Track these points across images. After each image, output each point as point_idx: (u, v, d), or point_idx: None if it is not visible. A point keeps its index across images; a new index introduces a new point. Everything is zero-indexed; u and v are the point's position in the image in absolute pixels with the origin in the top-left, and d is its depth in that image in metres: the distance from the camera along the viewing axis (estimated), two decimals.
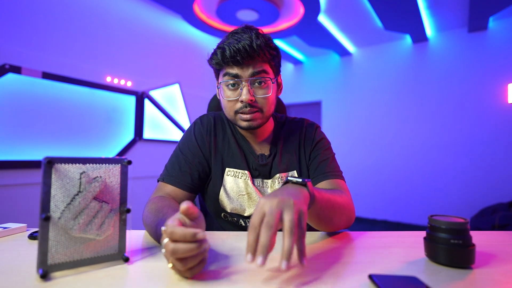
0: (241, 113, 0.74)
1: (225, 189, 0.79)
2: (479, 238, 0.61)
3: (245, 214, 0.79)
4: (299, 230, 0.41)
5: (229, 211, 0.80)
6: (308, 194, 0.49)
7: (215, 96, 1.07)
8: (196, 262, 0.41)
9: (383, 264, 0.49)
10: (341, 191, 0.70)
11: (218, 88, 0.81)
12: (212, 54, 0.75)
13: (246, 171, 0.79)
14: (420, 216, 3.70)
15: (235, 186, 0.79)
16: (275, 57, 0.76)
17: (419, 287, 0.38)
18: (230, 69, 0.72)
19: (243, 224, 0.80)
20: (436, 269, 0.46)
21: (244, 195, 0.78)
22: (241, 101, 0.72)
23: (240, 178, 0.79)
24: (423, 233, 0.54)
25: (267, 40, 0.73)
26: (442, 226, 0.48)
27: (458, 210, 3.43)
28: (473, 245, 0.47)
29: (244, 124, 0.75)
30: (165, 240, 0.40)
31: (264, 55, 0.71)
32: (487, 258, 0.51)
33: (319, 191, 0.56)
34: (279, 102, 1.09)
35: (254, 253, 0.38)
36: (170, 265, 0.41)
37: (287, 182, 0.53)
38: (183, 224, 0.43)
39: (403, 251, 0.55)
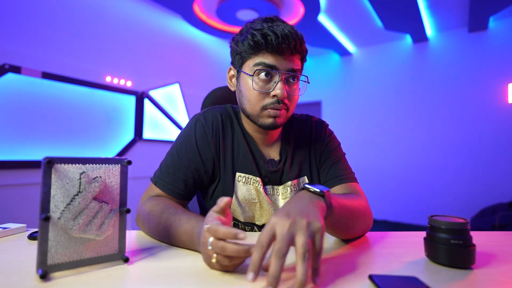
0: (271, 108, 0.67)
1: (236, 197, 0.73)
2: (479, 238, 0.61)
3: (257, 223, 0.75)
4: (314, 252, 0.39)
5: (242, 220, 0.74)
6: (324, 205, 0.47)
7: (209, 94, 1.01)
8: (241, 259, 0.43)
9: (383, 264, 0.49)
10: (358, 195, 0.67)
11: (237, 75, 0.72)
12: (246, 34, 0.65)
13: (258, 178, 0.73)
14: (420, 216, 3.70)
15: (247, 193, 0.72)
16: (306, 55, 0.71)
17: (419, 287, 0.38)
18: (267, 58, 0.64)
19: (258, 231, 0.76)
20: (436, 269, 0.46)
21: (256, 203, 0.73)
22: (274, 96, 0.65)
23: (252, 185, 0.73)
24: (423, 233, 0.54)
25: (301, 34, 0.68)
26: (442, 226, 0.48)
27: (458, 210, 3.43)
28: (473, 245, 0.47)
29: (268, 121, 0.68)
30: (211, 239, 0.42)
31: (301, 49, 0.67)
32: (487, 258, 0.51)
33: (337, 198, 0.53)
34: None
35: (257, 273, 0.37)
36: (214, 260, 0.43)
37: (303, 189, 0.49)
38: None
39: (403, 251, 0.55)
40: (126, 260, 0.48)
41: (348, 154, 0.84)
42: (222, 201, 0.46)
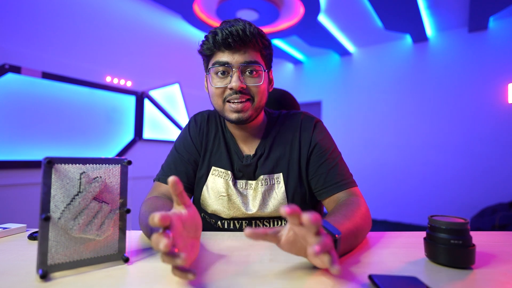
0: (231, 101, 0.70)
1: (207, 189, 0.77)
2: (479, 238, 0.61)
3: (224, 216, 0.76)
4: None
5: (209, 212, 0.77)
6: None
7: None
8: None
9: (383, 264, 0.49)
10: (356, 204, 0.63)
11: (206, 76, 0.76)
12: (203, 40, 0.72)
13: (229, 172, 0.77)
14: (420, 216, 3.70)
15: (216, 186, 0.76)
16: (267, 48, 0.73)
17: (419, 287, 0.38)
18: (220, 56, 0.69)
19: (221, 226, 0.77)
20: (436, 269, 0.46)
21: (224, 196, 0.75)
22: (231, 88, 0.69)
23: (223, 178, 0.76)
24: (423, 233, 0.54)
25: (260, 30, 0.72)
26: (442, 226, 0.48)
27: (458, 210, 3.43)
28: (473, 245, 0.47)
29: (233, 116, 0.70)
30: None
31: (257, 43, 0.69)
32: (487, 258, 0.51)
33: (344, 235, 0.50)
34: (291, 99, 1.05)
35: None
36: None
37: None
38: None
39: (403, 251, 0.55)
40: (126, 260, 0.48)
41: (348, 154, 0.84)
42: (170, 179, 0.42)
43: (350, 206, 0.62)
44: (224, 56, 0.69)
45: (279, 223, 0.76)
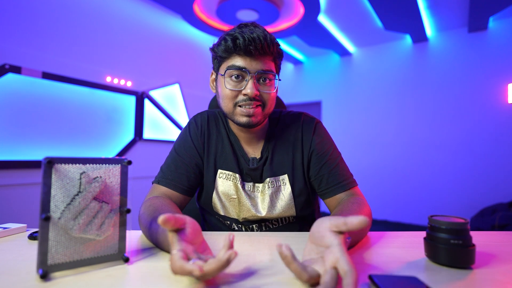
0: (242, 105, 0.71)
1: (217, 192, 0.77)
2: (479, 238, 0.61)
3: (235, 218, 0.77)
4: None
5: (222, 214, 0.79)
6: None
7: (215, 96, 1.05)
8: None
9: (383, 264, 0.49)
10: (362, 203, 0.67)
11: (215, 77, 0.77)
12: (220, 40, 0.72)
13: (237, 175, 0.77)
14: (420, 216, 3.70)
15: (227, 189, 0.77)
16: (280, 56, 0.76)
17: (419, 287, 0.38)
18: (237, 60, 0.69)
19: (236, 229, 0.79)
20: (436, 269, 0.46)
21: (235, 199, 0.76)
22: (245, 94, 0.70)
23: (232, 181, 0.77)
24: (423, 233, 0.55)
25: (275, 39, 0.73)
26: (442, 226, 0.48)
27: (458, 210, 3.43)
28: (473, 245, 0.47)
29: (243, 119, 0.71)
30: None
31: (273, 52, 0.71)
32: (487, 258, 0.51)
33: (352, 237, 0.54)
34: (278, 101, 1.06)
35: None
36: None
37: None
38: (187, 253, 0.40)
39: (403, 251, 0.55)
40: (126, 260, 0.48)
41: (348, 154, 0.85)
42: (161, 219, 0.40)
43: (356, 205, 0.65)
44: (241, 61, 0.69)
45: (287, 220, 0.80)
